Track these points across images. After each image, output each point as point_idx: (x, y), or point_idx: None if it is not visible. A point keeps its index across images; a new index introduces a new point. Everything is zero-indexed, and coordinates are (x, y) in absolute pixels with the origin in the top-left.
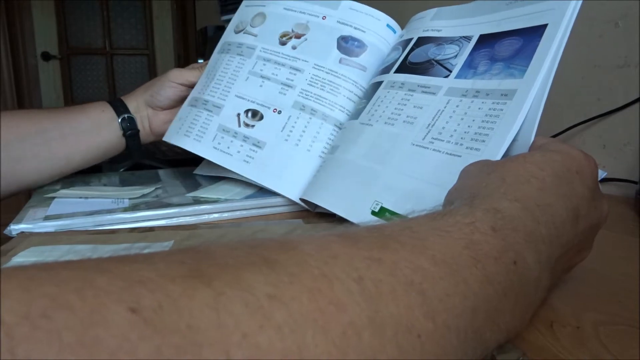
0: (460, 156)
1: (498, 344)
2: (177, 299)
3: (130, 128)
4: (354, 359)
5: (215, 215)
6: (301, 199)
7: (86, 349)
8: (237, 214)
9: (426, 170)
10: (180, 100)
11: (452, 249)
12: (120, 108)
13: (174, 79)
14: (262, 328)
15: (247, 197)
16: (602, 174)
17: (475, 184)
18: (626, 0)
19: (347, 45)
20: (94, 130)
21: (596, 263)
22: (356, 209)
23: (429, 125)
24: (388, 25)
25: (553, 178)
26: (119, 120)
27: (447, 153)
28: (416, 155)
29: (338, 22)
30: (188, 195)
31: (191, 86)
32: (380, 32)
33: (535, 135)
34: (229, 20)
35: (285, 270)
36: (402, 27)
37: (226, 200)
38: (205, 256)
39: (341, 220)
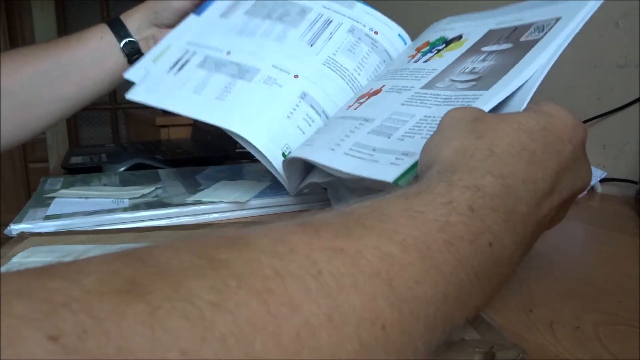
0: None
1: (467, 321)
2: (104, 320)
3: (134, 53)
4: (309, 359)
5: (216, 215)
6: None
7: None
8: (237, 214)
9: None
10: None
11: (425, 232)
12: (120, 31)
13: None
14: (204, 341)
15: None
16: (602, 174)
17: (460, 149)
18: (626, 0)
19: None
20: (97, 61)
21: (596, 263)
22: None
23: None
24: (400, 35)
25: (544, 151)
26: (121, 45)
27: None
28: None
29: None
30: (189, 199)
31: None
32: (391, 39)
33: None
34: None
35: (232, 272)
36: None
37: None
38: (144, 263)
39: None
